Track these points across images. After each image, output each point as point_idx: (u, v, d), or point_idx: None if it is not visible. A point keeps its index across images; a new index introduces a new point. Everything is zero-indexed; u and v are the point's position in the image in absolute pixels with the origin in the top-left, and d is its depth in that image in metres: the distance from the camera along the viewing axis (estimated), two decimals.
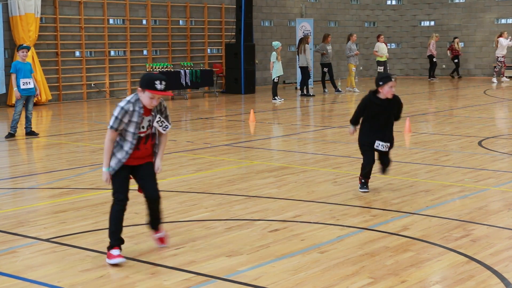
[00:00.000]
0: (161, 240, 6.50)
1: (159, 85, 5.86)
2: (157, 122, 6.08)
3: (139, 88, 5.92)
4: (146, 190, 6.29)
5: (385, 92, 8.41)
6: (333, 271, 5.78)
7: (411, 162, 10.84)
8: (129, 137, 6.01)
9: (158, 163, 6.25)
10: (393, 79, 8.46)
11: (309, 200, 8.33)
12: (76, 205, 8.22)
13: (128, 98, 6.02)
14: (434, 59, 29.50)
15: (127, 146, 6.03)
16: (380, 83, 8.42)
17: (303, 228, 7.12)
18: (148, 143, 6.14)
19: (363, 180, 8.76)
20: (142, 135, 6.07)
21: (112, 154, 6.08)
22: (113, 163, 6.07)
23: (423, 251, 6.32)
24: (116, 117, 5.94)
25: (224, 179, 9.66)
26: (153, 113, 6.06)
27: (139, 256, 6.22)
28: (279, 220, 7.44)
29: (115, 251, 6.03)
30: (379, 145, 8.52)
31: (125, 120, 5.94)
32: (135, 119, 5.96)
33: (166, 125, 6.14)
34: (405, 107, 9.03)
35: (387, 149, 8.60)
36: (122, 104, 5.96)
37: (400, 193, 8.68)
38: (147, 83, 5.88)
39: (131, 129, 5.98)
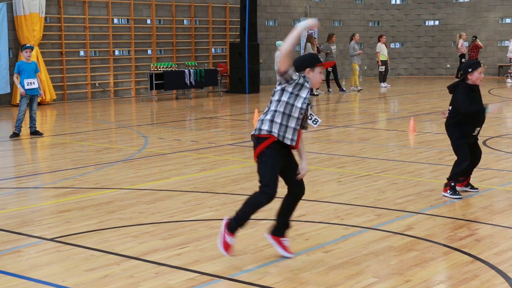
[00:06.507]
0: (286, 248, 6.16)
1: (321, 58, 5.78)
2: (310, 115, 5.86)
3: (308, 69, 5.77)
4: (295, 184, 6.02)
5: (475, 78, 8.28)
6: (337, 271, 5.78)
7: (415, 162, 10.83)
8: (296, 113, 5.72)
9: (304, 165, 5.97)
10: (482, 65, 8.34)
11: (314, 200, 8.32)
12: (80, 204, 8.23)
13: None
14: (463, 59, 28.84)
15: (293, 123, 5.74)
16: (469, 70, 8.27)
17: (307, 227, 7.11)
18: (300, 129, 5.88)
19: (452, 184, 8.40)
20: (301, 116, 5.81)
21: (268, 120, 5.77)
22: (276, 129, 5.74)
23: (428, 251, 6.31)
24: (296, 75, 5.72)
25: (228, 179, 9.67)
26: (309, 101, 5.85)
27: (144, 255, 6.22)
28: None
29: (230, 239, 5.88)
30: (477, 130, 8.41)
31: (300, 81, 5.70)
32: (303, 94, 5.72)
33: (316, 118, 5.89)
34: (408, 107, 9.00)
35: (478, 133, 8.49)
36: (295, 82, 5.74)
37: (404, 193, 8.68)
38: (315, 59, 5.85)
39: (299, 103, 5.72)
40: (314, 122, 5.96)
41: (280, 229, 6.16)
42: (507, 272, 5.70)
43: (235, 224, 5.94)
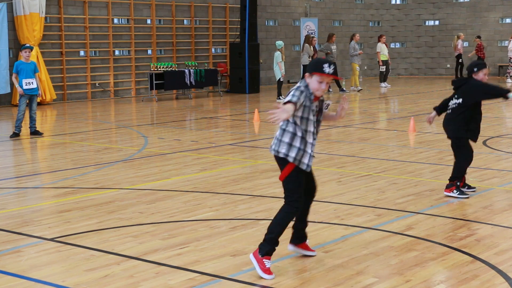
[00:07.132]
0: (311, 248, 6.19)
1: (327, 68, 5.62)
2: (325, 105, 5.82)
3: (307, 74, 5.66)
4: (312, 190, 6.03)
5: (479, 79, 8.28)
6: (338, 271, 5.78)
7: (415, 162, 10.83)
8: (311, 127, 5.70)
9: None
10: (487, 66, 8.36)
11: (314, 200, 8.30)
12: (80, 204, 8.23)
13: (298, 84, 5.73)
14: (460, 60, 28.47)
15: (310, 138, 5.70)
16: (475, 69, 8.30)
17: (307, 227, 7.10)
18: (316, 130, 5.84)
19: (458, 183, 8.39)
20: (315, 143, 5.79)
21: (285, 143, 5.67)
22: (293, 153, 5.64)
23: (428, 251, 6.31)
24: (296, 95, 5.52)
25: (228, 179, 9.66)
26: (320, 98, 5.79)
27: (144, 255, 6.22)
28: None
29: (268, 262, 5.66)
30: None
31: (301, 99, 5.55)
32: (307, 103, 5.61)
33: (328, 103, 5.88)
34: (409, 107, 9.00)
35: None
36: (295, 87, 5.63)
37: (404, 193, 8.67)
38: (314, 66, 5.66)
39: (311, 116, 5.66)
40: (325, 107, 5.96)
41: (301, 235, 6.11)
42: (507, 272, 5.70)
43: (271, 247, 5.73)
